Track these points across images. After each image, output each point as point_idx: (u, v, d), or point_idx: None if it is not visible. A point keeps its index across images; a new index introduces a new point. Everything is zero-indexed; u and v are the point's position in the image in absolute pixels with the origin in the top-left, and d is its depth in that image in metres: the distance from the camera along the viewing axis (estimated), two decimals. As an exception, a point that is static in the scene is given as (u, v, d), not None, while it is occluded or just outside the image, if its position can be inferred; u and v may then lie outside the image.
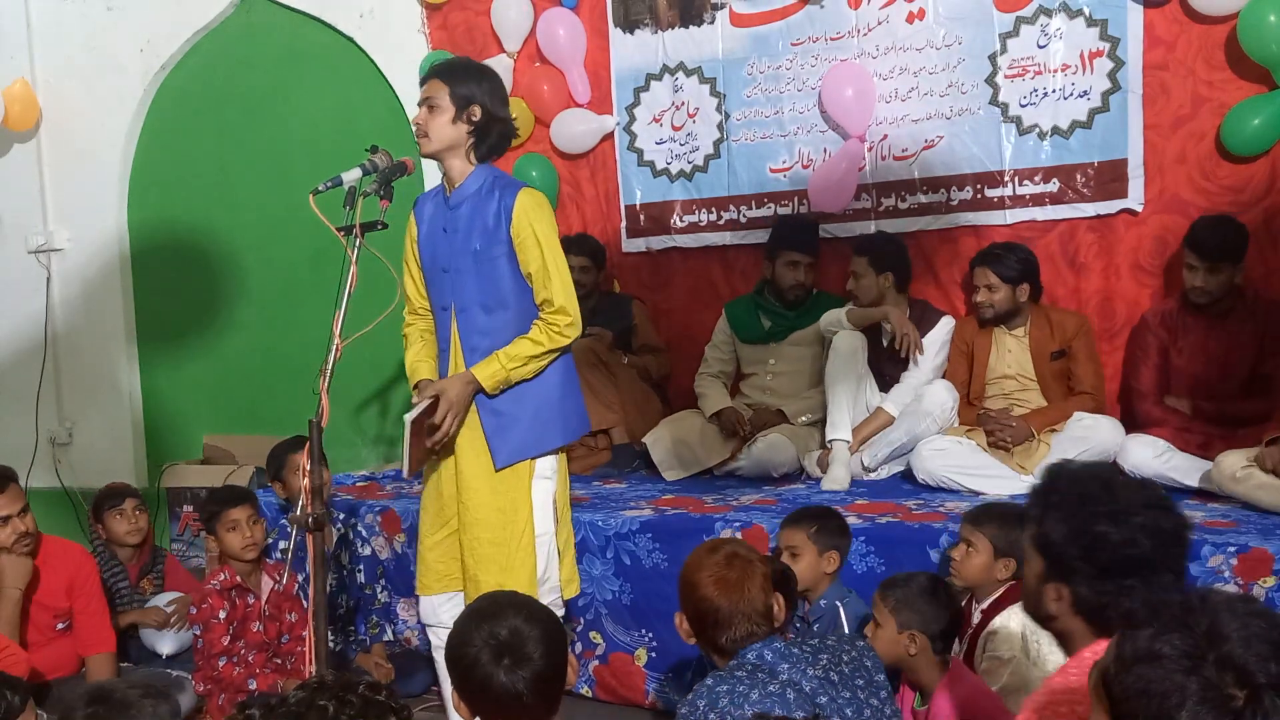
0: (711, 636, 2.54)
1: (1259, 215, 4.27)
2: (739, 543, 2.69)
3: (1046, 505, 2.04)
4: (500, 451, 3.30)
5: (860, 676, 2.51)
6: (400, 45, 5.73)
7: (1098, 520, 1.95)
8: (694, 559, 2.62)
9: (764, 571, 2.57)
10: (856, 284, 4.69)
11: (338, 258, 3.09)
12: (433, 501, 3.47)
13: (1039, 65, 4.58)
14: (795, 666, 2.43)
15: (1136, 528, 1.92)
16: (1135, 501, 1.97)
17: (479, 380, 3.24)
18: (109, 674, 3.76)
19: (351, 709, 1.52)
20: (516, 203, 3.25)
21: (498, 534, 3.30)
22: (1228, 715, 1.37)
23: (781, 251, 4.85)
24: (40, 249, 6.67)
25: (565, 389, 3.39)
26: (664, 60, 5.27)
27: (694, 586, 2.55)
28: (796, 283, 4.84)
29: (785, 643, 2.50)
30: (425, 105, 3.28)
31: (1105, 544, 1.93)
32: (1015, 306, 4.39)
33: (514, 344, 3.27)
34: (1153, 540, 1.93)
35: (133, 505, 4.61)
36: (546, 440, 3.35)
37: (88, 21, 6.48)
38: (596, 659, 4.07)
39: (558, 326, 3.25)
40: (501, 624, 2.09)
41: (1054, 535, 1.99)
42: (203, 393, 6.49)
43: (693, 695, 2.42)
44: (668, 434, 4.76)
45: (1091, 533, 1.94)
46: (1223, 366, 4.19)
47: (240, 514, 4.00)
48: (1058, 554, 1.98)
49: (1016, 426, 4.24)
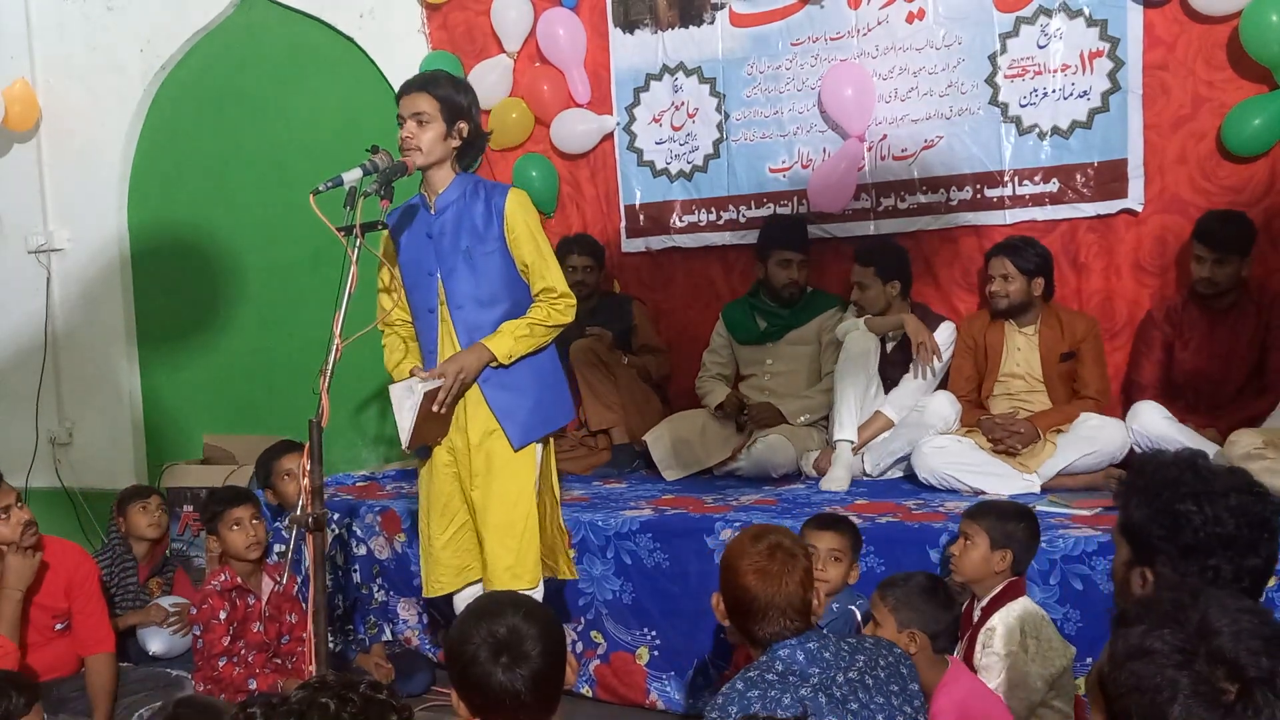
0: (745, 624, 2.51)
1: (1259, 215, 4.27)
2: (785, 532, 2.62)
3: (1132, 491, 2.03)
4: (515, 433, 3.44)
5: (895, 683, 2.46)
6: (400, 45, 5.73)
7: (1181, 500, 1.94)
8: (737, 544, 2.57)
9: (806, 566, 2.51)
10: (862, 294, 4.65)
11: (338, 258, 3.09)
12: (436, 501, 3.55)
13: (1039, 65, 4.58)
14: (826, 671, 2.38)
15: (1221, 507, 1.92)
16: (1222, 484, 1.96)
17: (492, 350, 3.39)
18: (108, 674, 3.76)
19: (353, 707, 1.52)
20: (508, 202, 3.42)
21: (504, 517, 3.44)
22: (1219, 709, 1.37)
23: (773, 251, 4.85)
24: (40, 249, 6.67)
25: (557, 378, 3.61)
26: (664, 60, 5.27)
27: (734, 573, 2.51)
28: (790, 280, 4.84)
29: (819, 643, 2.44)
30: (414, 119, 3.36)
31: (1188, 523, 1.92)
32: (1029, 300, 4.38)
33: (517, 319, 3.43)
34: (1237, 520, 1.91)
35: (157, 503, 4.79)
36: (554, 419, 3.57)
37: (88, 21, 6.48)
38: (597, 658, 4.07)
39: (559, 306, 3.45)
40: (500, 622, 2.09)
41: (1137, 518, 1.99)
42: (202, 393, 6.50)
43: (722, 699, 2.38)
44: (668, 433, 4.76)
45: (1174, 511, 1.94)
46: (1227, 360, 4.21)
47: (243, 513, 4.01)
48: (1142, 537, 1.97)
49: (1025, 431, 4.23)
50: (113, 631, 3.98)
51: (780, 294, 4.88)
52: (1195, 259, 4.17)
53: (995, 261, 4.41)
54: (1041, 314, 4.44)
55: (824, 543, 3.36)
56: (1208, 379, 4.23)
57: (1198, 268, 4.16)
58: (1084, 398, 4.35)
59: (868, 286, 4.64)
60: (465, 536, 3.54)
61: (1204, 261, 4.14)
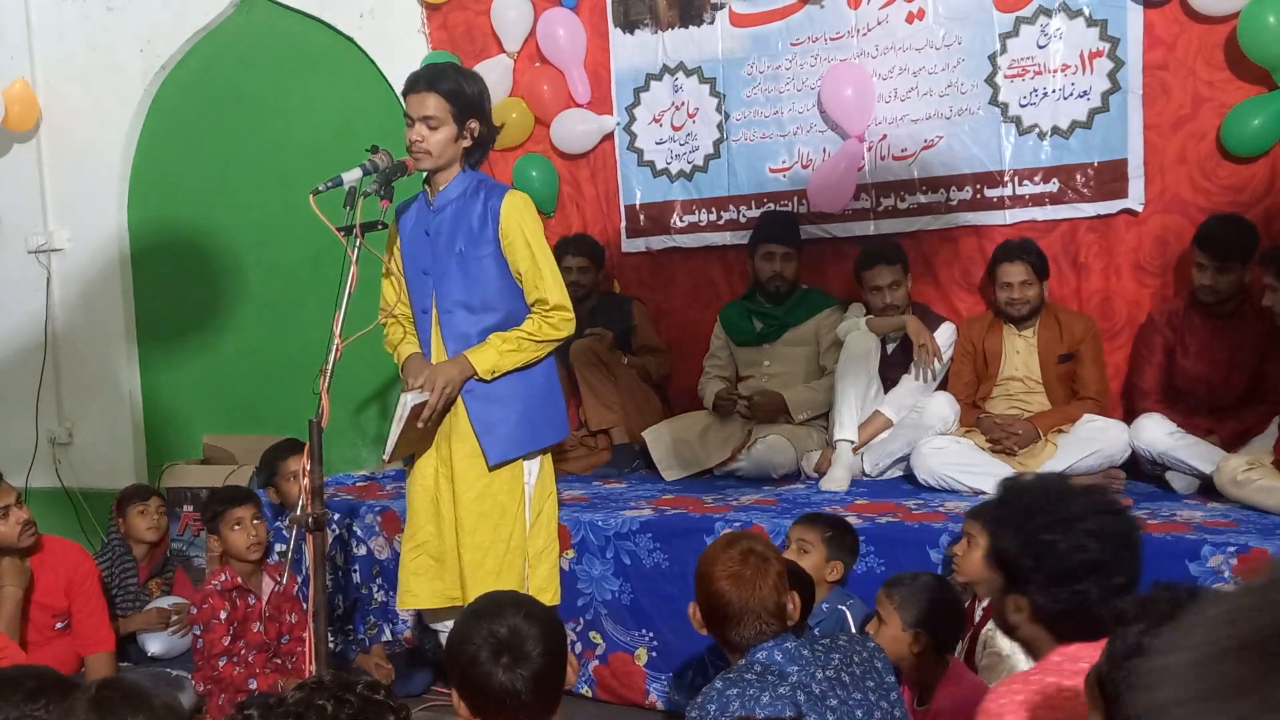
0: (722, 630, 2.53)
1: (1259, 215, 4.26)
2: (756, 538, 2.66)
3: (998, 521, 2.10)
4: (492, 449, 3.31)
5: (871, 678, 2.50)
6: (400, 45, 5.72)
7: (1044, 529, 1.99)
8: (711, 551, 2.61)
9: (779, 570, 2.54)
10: (895, 293, 4.55)
11: (338, 258, 3.09)
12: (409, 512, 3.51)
13: (1039, 65, 4.58)
14: (805, 669, 2.41)
15: (1083, 533, 1.97)
16: (1081, 508, 2.02)
17: (473, 365, 3.25)
18: (108, 673, 3.76)
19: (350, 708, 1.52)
20: (504, 204, 3.27)
21: (485, 537, 3.33)
22: None
23: (759, 244, 4.83)
24: (40, 249, 6.67)
25: (551, 390, 3.42)
26: (664, 60, 5.26)
27: (708, 580, 2.54)
28: (775, 274, 4.79)
29: (796, 643, 2.48)
30: (424, 122, 3.21)
31: (1053, 552, 1.97)
32: (1042, 303, 4.38)
33: (507, 331, 3.29)
34: (1100, 544, 1.97)
35: (156, 505, 4.74)
36: (538, 438, 3.38)
37: (88, 21, 6.48)
38: (596, 659, 4.07)
39: (552, 320, 3.29)
40: (501, 622, 2.09)
41: (1006, 548, 2.05)
42: (202, 393, 6.49)
43: (702, 699, 2.41)
44: (668, 433, 4.76)
45: (1039, 542, 1.99)
46: (1228, 367, 4.18)
47: (244, 513, 4.01)
48: (1012, 566, 2.04)
49: (1023, 432, 4.23)
50: (113, 631, 3.98)
51: (765, 287, 4.84)
52: (1196, 266, 4.12)
53: (1011, 268, 4.33)
54: (1040, 315, 4.43)
55: (794, 534, 3.48)
56: (1208, 385, 4.21)
57: (1199, 275, 4.12)
58: (1083, 398, 4.34)
59: (900, 284, 4.58)
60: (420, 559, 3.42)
61: (1205, 269, 4.08)
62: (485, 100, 3.33)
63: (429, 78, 3.25)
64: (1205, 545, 3.30)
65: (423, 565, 3.42)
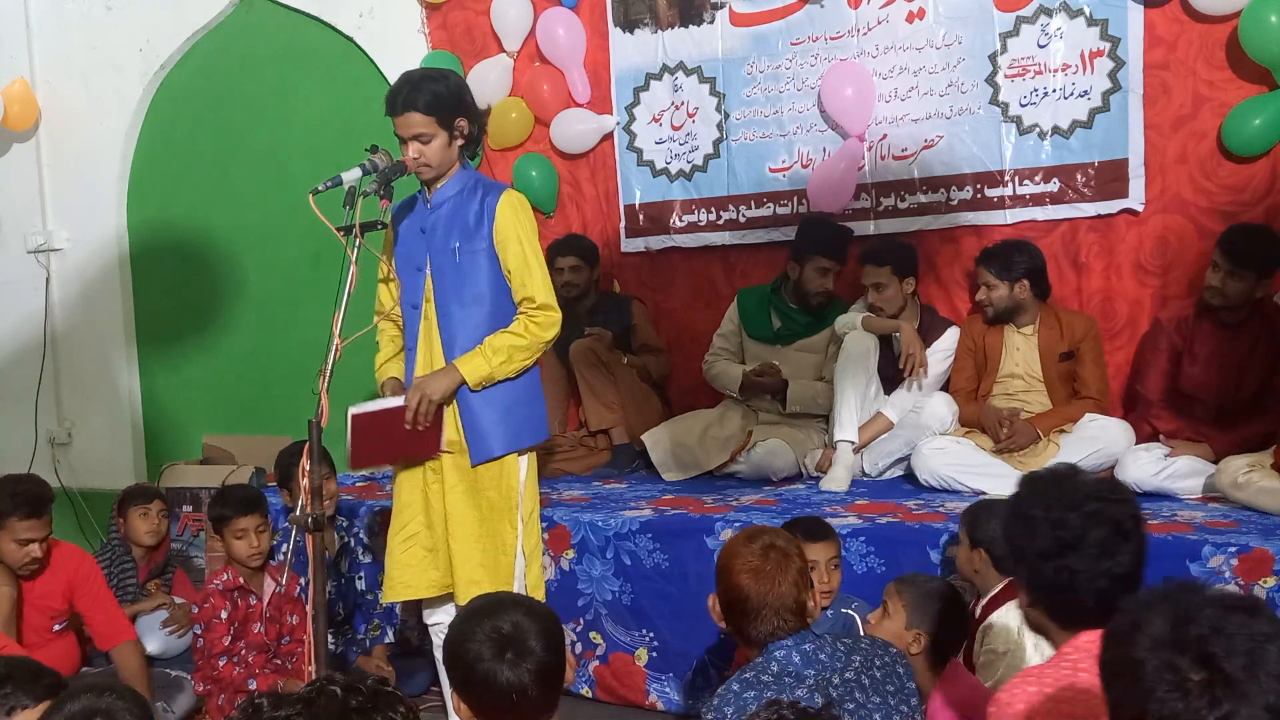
0: (740, 624, 2.52)
1: (1260, 215, 4.26)
2: (779, 533, 2.64)
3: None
4: (475, 447, 3.35)
5: (891, 683, 2.48)
6: (400, 45, 5.72)
7: (1032, 506, 2.08)
8: (732, 544, 2.59)
9: (800, 566, 2.52)
10: (879, 295, 4.56)
11: (338, 258, 3.09)
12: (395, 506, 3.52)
13: (1039, 65, 4.58)
14: (822, 672, 2.39)
15: (1069, 510, 2.03)
16: (1084, 492, 2.07)
17: (462, 374, 3.28)
18: (136, 662, 3.77)
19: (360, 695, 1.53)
20: (500, 203, 3.33)
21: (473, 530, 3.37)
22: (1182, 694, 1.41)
23: (814, 256, 4.71)
24: (40, 249, 6.67)
25: (533, 391, 3.45)
26: (664, 60, 5.26)
27: (728, 573, 2.53)
28: (824, 290, 4.74)
29: (815, 645, 2.45)
30: (415, 140, 3.25)
31: (1035, 526, 2.05)
32: (1015, 304, 4.38)
33: (496, 336, 3.31)
34: (1086, 522, 2.02)
35: (158, 508, 4.67)
36: (521, 438, 3.41)
37: (88, 21, 6.47)
38: (596, 659, 4.07)
39: (538, 320, 3.32)
40: (502, 619, 2.09)
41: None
42: (202, 393, 6.49)
43: (718, 700, 2.39)
44: (667, 435, 4.75)
45: (1025, 516, 2.08)
46: (1236, 376, 4.14)
47: (249, 523, 3.97)
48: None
49: (1021, 430, 4.23)
50: (129, 621, 3.99)
51: (809, 300, 4.76)
52: (1211, 265, 4.09)
53: (978, 271, 4.45)
54: (1040, 314, 4.43)
55: (823, 554, 3.30)
56: (1216, 393, 4.16)
57: (1210, 275, 4.08)
58: (1084, 398, 4.34)
59: (886, 286, 4.56)
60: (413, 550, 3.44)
61: (1218, 270, 4.05)
62: (464, 93, 3.36)
63: (405, 98, 3.25)
64: (1206, 545, 3.31)
65: (416, 556, 3.45)
